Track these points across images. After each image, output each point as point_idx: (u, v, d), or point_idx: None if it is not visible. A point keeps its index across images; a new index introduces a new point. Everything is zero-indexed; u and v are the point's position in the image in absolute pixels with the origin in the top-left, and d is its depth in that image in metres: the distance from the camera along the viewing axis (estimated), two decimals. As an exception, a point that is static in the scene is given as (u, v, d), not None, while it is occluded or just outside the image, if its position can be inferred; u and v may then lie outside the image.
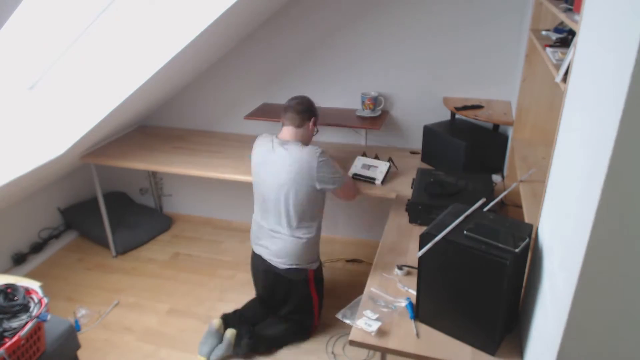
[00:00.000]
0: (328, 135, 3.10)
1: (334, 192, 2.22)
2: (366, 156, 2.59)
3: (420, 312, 1.57)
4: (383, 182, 2.43)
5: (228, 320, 2.40)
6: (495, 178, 2.48)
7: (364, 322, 1.54)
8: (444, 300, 1.50)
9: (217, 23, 2.25)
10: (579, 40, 1.17)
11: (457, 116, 2.74)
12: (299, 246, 2.21)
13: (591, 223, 0.88)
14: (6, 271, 2.96)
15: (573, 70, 1.20)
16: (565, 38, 1.71)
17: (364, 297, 1.69)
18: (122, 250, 3.22)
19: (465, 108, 2.60)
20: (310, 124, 2.23)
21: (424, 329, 1.54)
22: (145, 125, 3.49)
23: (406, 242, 2.01)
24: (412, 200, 2.15)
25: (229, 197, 3.49)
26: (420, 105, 2.87)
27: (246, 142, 3.12)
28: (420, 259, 1.49)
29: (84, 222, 3.33)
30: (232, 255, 3.21)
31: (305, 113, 2.20)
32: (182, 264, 3.15)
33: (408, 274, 1.80)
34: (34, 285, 1.75)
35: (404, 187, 2.44)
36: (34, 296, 1.71)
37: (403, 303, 1.63)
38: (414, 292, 1.65)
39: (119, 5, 2.19)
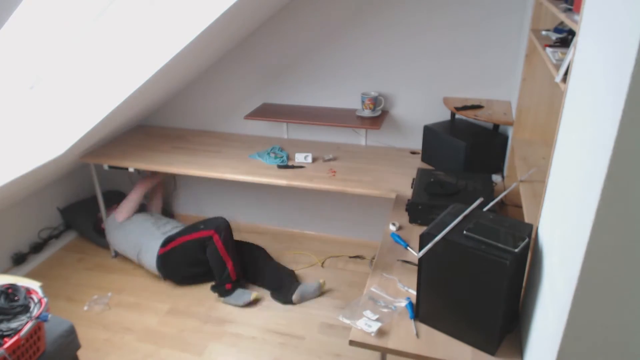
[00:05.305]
0: (328, 135, 3.11)
1: None
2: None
3: (420, 312, 1.57)
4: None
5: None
6: (495, 178, 2.48)
7: (364, 323, 1.54)
8: (444, 300, 1.50)
9: (217, 23, 2.25)
10: (579, 40, 1.17)
11: (457, 116, 2.75)
12: None
13: (591, 223, 0.88)
14: (6, 271, 2.96)
15: (573, 70, 1.20)
16: (565, 38, 1.71)
17: (364, 297, 1.69)
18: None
19: (465, 108, 2.60)
20: None
21: (424, 329, 1.54)
22: (145, 125, 3.49)
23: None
24: (412, 200, 2.15)
25: (229, 197, 3.49)
26: (420, 105, 2.87)
27: (246, 142, 3.13)
28: (420, 259, 1.49)
29: (84, 221, 3.33)
30: (232, 255, 3.21)
31: None
32: (182, 264, 3.14)
33: (400, 228, 1.78)
34: (34, 285, 1.75)
35: (404, 187, 2.44)
36: (34, 296, 1.71)
37: (403, 303, 1.64)
38: (414, 292, 1.65)
39: (119, 5, 2.18)
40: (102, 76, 2.44)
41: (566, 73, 1.29)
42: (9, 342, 1.52)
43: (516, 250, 1.32)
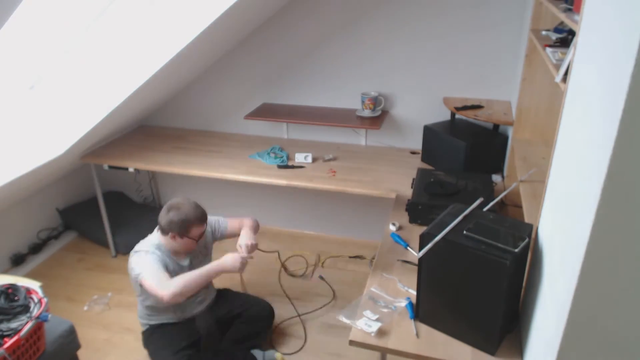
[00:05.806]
0: (328, 135, 3.11)
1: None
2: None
3: (420, 312, 1.57)
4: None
5: None
6: (495, 178, 2.48)
7: (364, 323, 1.54)
8: (444, 300, 1.50)
9: (217, 23, 2.25)
10: (579, 40, 1.17)
11: (457, 116, 2.75)
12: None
13: (591, 223, 0.88)
14: (5, 272, 2.96)
15: (573, 70, 1.20)
16: (565, 38, 1.71)
17: (364, 297, 1.69)
18: (122, 250, 3.21)
19: (465, 108, 2.60)
20: (169, 237, 2.08)
21: (424, 329, 1.54)
22: (145, 125, 3.49)
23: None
24: (412, 200, 2.15)
25: (229, 197, 3.49)
26: (420, 105, 2.87)
27: (246, 142, 3.13)
28: (421, 259, 1.49)
29: (83, 222, 3.33)
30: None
31: (165, 227, 2.07)
32: (182, 264, 3.14)
33: (400, 228, 1.77)
34: (34, 285, 1.75)
35: (404, 187, 2.44)
36: (34, 296, 1.71)
37: (403, 303, 1.64)
38: (414, 292, 1.65)
39: (119, 6, 2.19)
40: (102, 76, 2.44)
41: (566, 73, 1.29)
42: (9, 342, 1.52)
43: (516, 250, 1.32)
